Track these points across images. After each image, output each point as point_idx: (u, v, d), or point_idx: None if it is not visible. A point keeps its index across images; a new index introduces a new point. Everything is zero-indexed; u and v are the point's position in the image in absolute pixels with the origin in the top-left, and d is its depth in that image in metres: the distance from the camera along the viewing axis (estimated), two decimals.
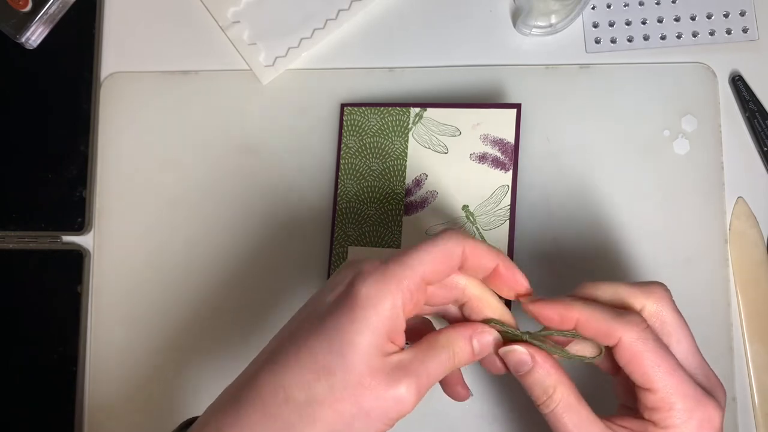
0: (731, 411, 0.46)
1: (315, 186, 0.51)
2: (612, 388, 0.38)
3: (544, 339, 0.35)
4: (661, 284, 0.36)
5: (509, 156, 0.47)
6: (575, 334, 0.35)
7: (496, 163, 0.47)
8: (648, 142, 0.48)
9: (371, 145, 0.49)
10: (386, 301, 0.31)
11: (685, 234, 0.47)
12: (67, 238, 0.52)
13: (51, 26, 0.54)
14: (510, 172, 0.47)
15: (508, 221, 0.46)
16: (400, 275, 0.32)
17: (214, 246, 0.51)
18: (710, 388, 0.34)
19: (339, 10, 0.52)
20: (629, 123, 0.49)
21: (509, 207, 0.46)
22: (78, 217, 0.52)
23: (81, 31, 0.54)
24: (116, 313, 0.51)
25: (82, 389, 0.51)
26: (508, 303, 0.40)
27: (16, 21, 0.52)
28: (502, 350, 0.35)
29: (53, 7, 0.53)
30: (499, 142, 0.47)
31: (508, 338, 0.35)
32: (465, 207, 0.47)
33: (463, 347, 0.34)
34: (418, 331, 0.38)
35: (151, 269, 0.51)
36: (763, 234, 0.48)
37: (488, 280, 0.36)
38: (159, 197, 0.52)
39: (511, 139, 0.47)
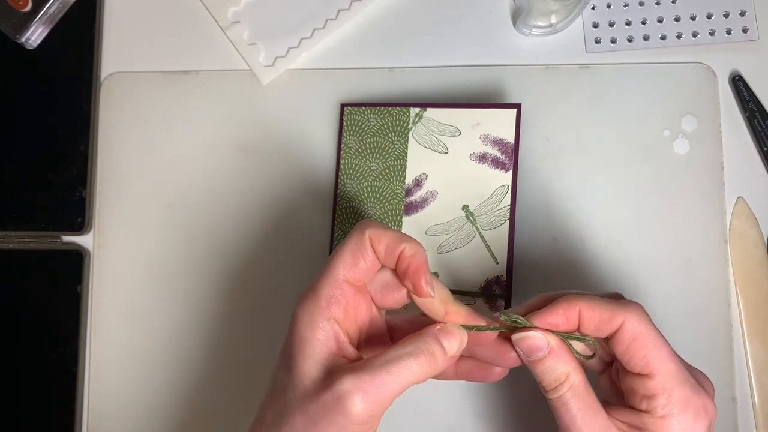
0: (731, 411, 0.46)
1: (315, 186, 0.51)
2: (597, 386, 0.38)
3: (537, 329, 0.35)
4: (637, 303, 0.35)
5: (509, 156, 0.47)
6: (569, 336, 0.35)
7: (496, 163, 0.47)
8: (648, 142, 0.48)
9: (371, 145, 0.49)
10: (312, 314, 0.33)
11: (685, 234, 0.47)
12: (67, 238, 0.52)
13: (51, 26, 0.54)
14: (510, 172, 0.47)
15: (508, 221, 0.46)
16: (319, 288, 0.34)
17: (213, 246, 0.51)
18: (700, 382, 0.34)
19: (339, 10, 0.52)
20: (629, 123, 0.49)
21: (509, 207, 0.46)
22: (78, 217, 0.52)
23: (81, 31, 0.54)
24: (116, 313, 0.51)
25: (82, 389, 0.51)
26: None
27: (16, 21, 0.52)
28: (516, 336, 0.35)
29: (53, 7, 0.53)
30: (499, 142, 0.47)
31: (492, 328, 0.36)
32: (465, 207, 0.47)
33: (431, 342, 0.33)
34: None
35: (151, 269, 0.51)
36: (763, 234, 0.48)
37: (398, 267, 0.35)
38: (159, 197, 0.52)
39: (511, 139, 0.47)
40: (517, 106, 0.47)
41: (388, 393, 0.32)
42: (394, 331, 0.39)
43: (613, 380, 0.37)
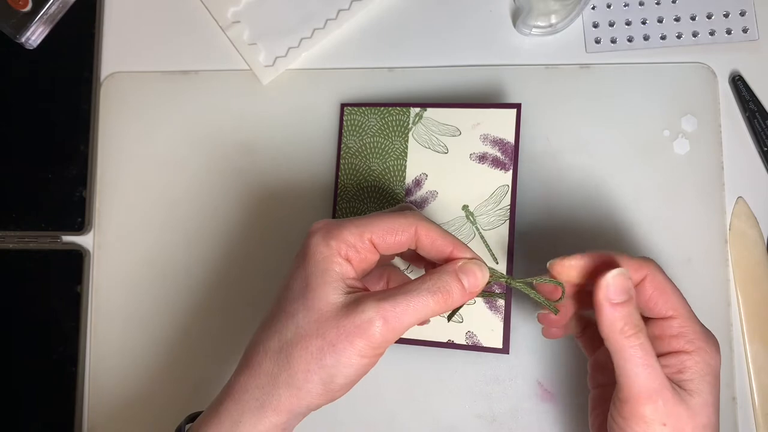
0: (731, 411, 0.46)
1: (315, 186, 0.51)
2: (589, 367, 0.41)
3: (521, 283, 0.37)
4: (653, 260, 0.38)
5: (509, 156, 0.47)
6: (559, 282, 0.37)
7: (496, 163, 0.47)
8: (648, 142, 0.48)
9: (371, 145, 0.49)
10: (332, 249, 0.35)
11: (685, 234, 0.47)
12: (67, 238, 0.52)
13: (51, 26, 0.54)
14: (510, 172, 0.47)
15: (508, 221, 0.46)
16: (345, 231, 0.35)
17: (213, 246, 0.51)
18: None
19: (339, 10, 0.52)
20: (629, 123, 0.49)
21: (509, 207, 0.46)
22: (78, 217, 0.52)
23: (81, 31, 0.54)
24: (116, 313, 0.51)
25: (82, 389, 0.51)
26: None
27: (16, 21, 0.52)
28: (614, 273, 0.35)
29: (53, 7, 0.53)
30: (499, 142, 0.47)
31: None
32: (465, 207, 0.47)
33: (449, 280, 0.35)
34: None
35: (151, 269, 0.51)
36: (763, 234, 0.48)
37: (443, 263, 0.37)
38: (159, 197, 0.52)
39: (511, 139, 0.47)
40: (517, 106, 0.47)
41: (404, 323, 0.33)
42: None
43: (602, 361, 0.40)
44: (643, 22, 0.50)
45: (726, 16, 0.50)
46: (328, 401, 0.34)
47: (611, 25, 0.50)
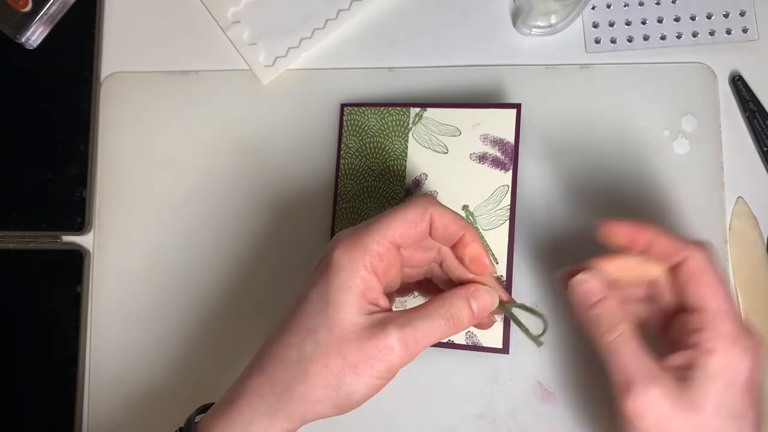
0: None
1: (315, 186, 0.51)
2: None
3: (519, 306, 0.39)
4: (706, 245, 0.37)
5: (509, 156, 0.47)
6: (541, 315, 0.38)
7: (496, 163, 0.47)
8: (648, 142, 0.48)
9: (371, 145, 0.49)
10: (356, 263, 0.34)
11: (685, 234, 0.47)
12: (67, 238, 0.52)
13: (51, 26, 0.54)
14: (510, 172, 0.47)
15: (508, 221, 0.46)
16: (368, 240, 0.35)
17: (213, 245, 0.51)
18: (752, 331, 0.36)
19: (339, 10, 0.52)
20: (629, 123, 0.49)
21: (509, 207, 0.46)
22: (78, 217, 0.52)
23: (81, 31, 0.54)
24: (116, 313, 0.51)
25: (82, 389, 0.51)
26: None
27: (16, 21, 0.52)
28: (575, 280, 0.37)
29: (53, 7, 0.53)
30: (499, 142, 0.47)
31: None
32: (465, 207, 0.47)
33: (461, 305, 0.36)
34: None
35: (151, 269, 0.51)
36: (763, 234, 0.48)
37: (456, 249, 0.38)
38: (159, 197, 0.52)
39: (511, 139, 0.47)
40: (517, 106, 0.47)
41: (421, 347, 0.34)
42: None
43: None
44: (643, 22, 0.50)
45: (726, 16, 0.50)
46: (338, 414, 0.35)
47: (611, 25, 0.50)
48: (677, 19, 0.50)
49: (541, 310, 0.40)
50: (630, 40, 0.50)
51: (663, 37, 0.50)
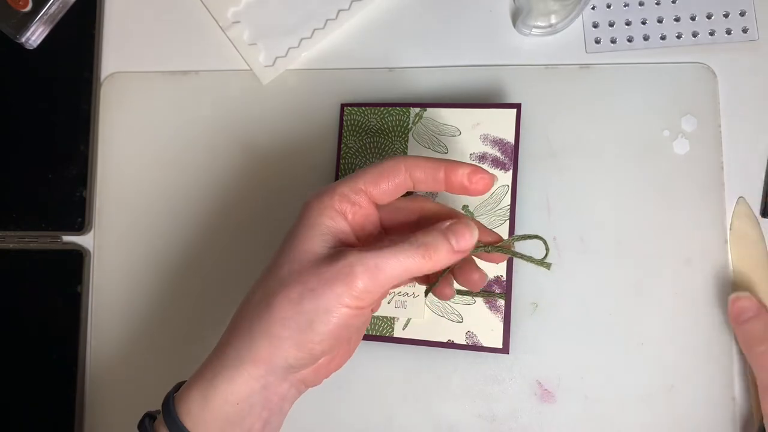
0: (731, 411, 0.46)
1: (315, 186, 0.51)
2: None
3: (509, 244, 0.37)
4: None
5: (509, 156, 0.47)
6: (541, 238, 0.38)
7: (496, 163, 0.47)
8: (648, 142, 0.48)
9: (371, 145, 0.49)
10: (324, 203, 0.35)
11: (685, 234, 0.47)
12: (67, 238, 0.52)
13: (51, 26, 0.54)
14: (510, 172, 0.47)
15: (508, 221, 0.46)
16: (336, 185, 0.35)
17: (213, 245, 0.51)
18: None
19: (339, 10, 0.52)
20: (629, 123, 0.49)
21: (509, 207, 0.46)
22: (78, 217, 0.52)
23: (81, 31, 0.54)
24: (116, 313, 0.51)
25: (82, 389, 0.51)
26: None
27: (16, 21, 0.52)
28: (733, 295, 0.42)
29: (53, 7, 0.53)
30: (499, 142, 0.47)
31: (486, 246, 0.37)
32: (465, 207, 0.47)
33: (436, 236, 0.34)
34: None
35: (151, 269, 0.51)
36: (764, 234, 0.47)
37: (448, 188, 0.36)
38: (159, 197, 0.52)
39: (511, 139, 0.47)
40: (517, 106, 0.47)
41: (387, 274, 0.32)
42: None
43: None
44: (643, 22, 0.50)
45: (726, 16, 0.50)
46: (308, 356, 0.33)
47: (611, 25, 0.50)
48: (677, 19, 0.50)
49: (537, 235, 0.38)
50: (630, 40, 0.50)
51: (663, 37, 0.50)
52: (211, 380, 0.34)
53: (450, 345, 0.46)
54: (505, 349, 0.45)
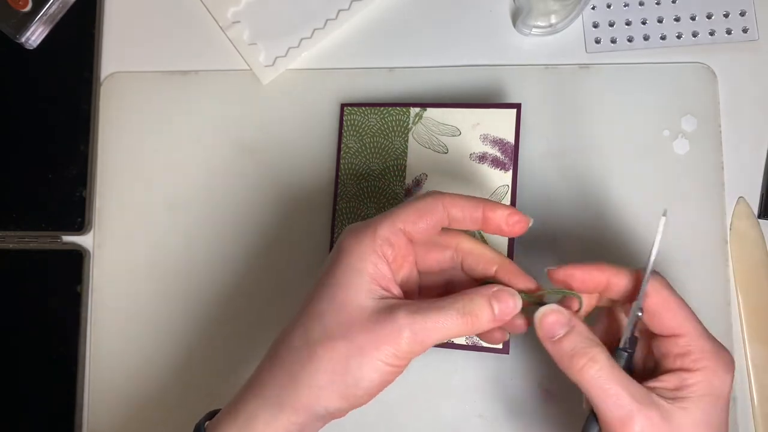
0: (731, 411, 0.46)
1: (315, 186, 0.51)
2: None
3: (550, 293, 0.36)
4: (657, 272, 0.37)
5: (509, 156, 0.47)
6: (576, 294, 0.36)
7: (496, 163, 0.47)
8: (648, 142, 0.48)
9: (371, 145, 0.49)
10: (365, 247, 0.34)
11: (685, 234, 0.47)
12: (67, 238, 0.52)
13: (51, 26, 0.54)
14: (510, 172, 0.47)
15: None
16: (375, 225, 0.35)
17: (213, 245, 0.51)
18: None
19: (339, 10, 0.52)
20: (629, 123, 0.49)
21: None
22: (78, 217, 0.52)
23: (81, 31, 0.54)
24: (116, 313, 0.51)
25: (82, 389, 0.51)
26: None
27: (16, 21, 0.52)
28: (539, 313, 0.35)
29: (53, 7, 0.53)
30: (499, 142, 0.47)
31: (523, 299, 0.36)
32: None
33: (480, 304, 0.34)
34: None
35: (151, 269, 0.51)
36: (763, 234, 0.48)
37: (485, 228, 0.37)
38: (159, 197, 0.52)
39: (511, 139, 0.47)
40: (517, 106, 0.47)
41: (431, 339, 0.33)
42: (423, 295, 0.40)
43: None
44: (643, 22, 0.50)
45: (726, 16, 0.50)
46: (348, 406, 0.34)
47: (611, 25, 0.50)
48: (677, 19, 0.50)
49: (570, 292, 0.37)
50: (630, 40, 0.50)
51: (663, 37, 0.50)
52: (248, 420, 0.34)
53: (450, 345, 0.46)
54: (505, 349, 0.45)
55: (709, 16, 0.50)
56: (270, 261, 0.50)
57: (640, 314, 0.35)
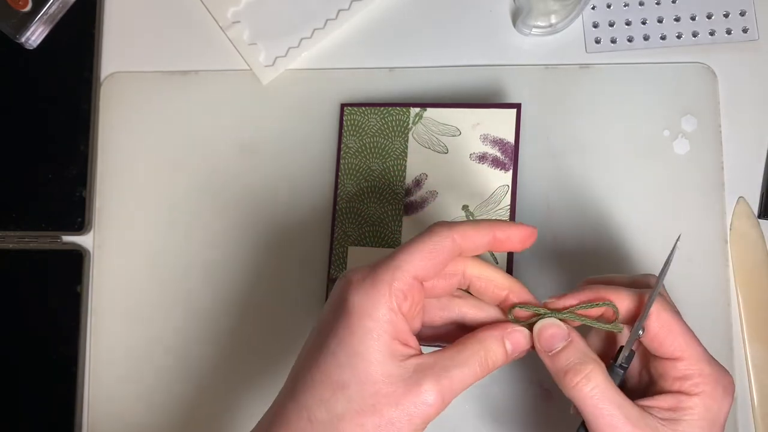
0: (731, 411, 0.46)
1: (315, 186, 0.51)
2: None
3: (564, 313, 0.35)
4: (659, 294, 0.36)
5: (509, 156, 0.47)
6: (609, 304, 0.35)
7: (496, 163, 0.47)
8: (648, 142, 0.48)
9: (371, 145, 0.49)
10: (380, 307, 0.32)
11: (685, 234, 0.47)
12: (67, 238, 0.52)
13: (51, 26, 0.54)
14: (510, 172, 0.47)
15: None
16: (389, 279, 0.32)
17: (213, 245, 0.51)
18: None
19: (339, 10, 0.52)
20: (629, 123, 0.49)
21: (509, 207, 0.46)
22: (78, 217, 0.52)
23: (81, 31, 0.54)
24: (116, 313, 0.51)
25: (82, 389, 0.51)
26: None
27: (16, 21, 0.52)
28: (537, 326, 0.35)
29: (53, 7, 0.53)
30: (499, 142, 0.47)
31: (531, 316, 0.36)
32: (465, 207, 0.47)
33: (496, 349, 0.34)
34: (454, 337, 0.37)
35: (151, 269, 0.51)
36: (764, 234, 0.48)
37: (495, 249, 0.36)
38: (159, 197, 0.52)
39: (511, 139, 0.47)
40: (517, 106, 0.47)
41: (456, 395, 0.33)
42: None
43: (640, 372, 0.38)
44: (643, 22, 0.50)
45: (726, 16, 0.50)
46: None
47: (611, 25, 0.50)
48: (677, 19, 0.50)
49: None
50: (630, 40, 0.50)
51: (663, 37, 0.50)
52: None
53: None
54: None
55: (709, 16, 0.50)
56: (269, 260, 0.50)
57: (641, 332, 0.35)
